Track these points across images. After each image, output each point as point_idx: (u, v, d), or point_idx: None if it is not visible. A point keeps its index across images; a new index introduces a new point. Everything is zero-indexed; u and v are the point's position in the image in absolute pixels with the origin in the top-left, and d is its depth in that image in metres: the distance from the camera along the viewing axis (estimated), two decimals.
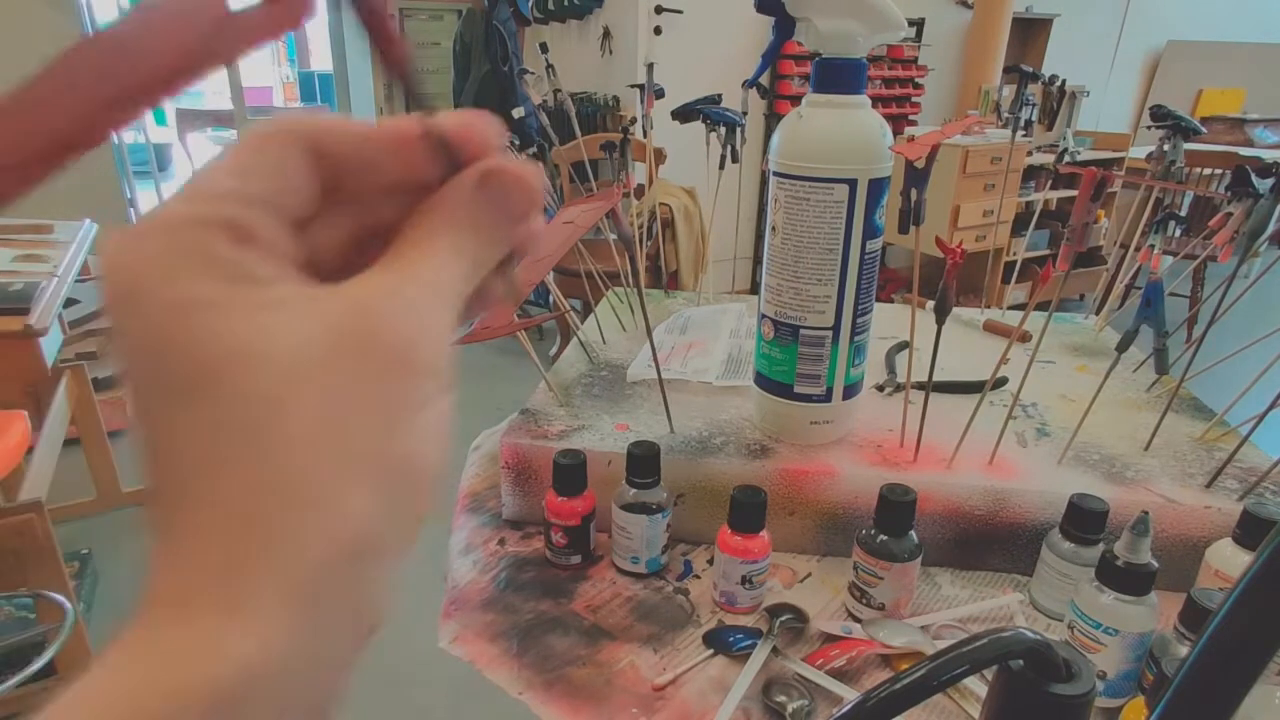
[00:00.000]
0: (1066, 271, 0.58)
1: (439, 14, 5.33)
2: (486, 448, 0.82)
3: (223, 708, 0.13)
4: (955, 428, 0.64)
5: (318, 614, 0.15)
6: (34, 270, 1.77)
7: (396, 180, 0.19)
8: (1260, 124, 4.64)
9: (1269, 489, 0.61)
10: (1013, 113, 0.98)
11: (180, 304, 0.15)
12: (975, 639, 0.25)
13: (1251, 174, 0.65)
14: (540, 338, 3.57)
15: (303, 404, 0.15)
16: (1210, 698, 0.20)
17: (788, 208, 0.61)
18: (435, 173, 0.19)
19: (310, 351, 0.16)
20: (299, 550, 0.15)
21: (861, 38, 0.58)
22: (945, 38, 4.40)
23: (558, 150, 2.36)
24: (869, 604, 0.57)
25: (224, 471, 0.15)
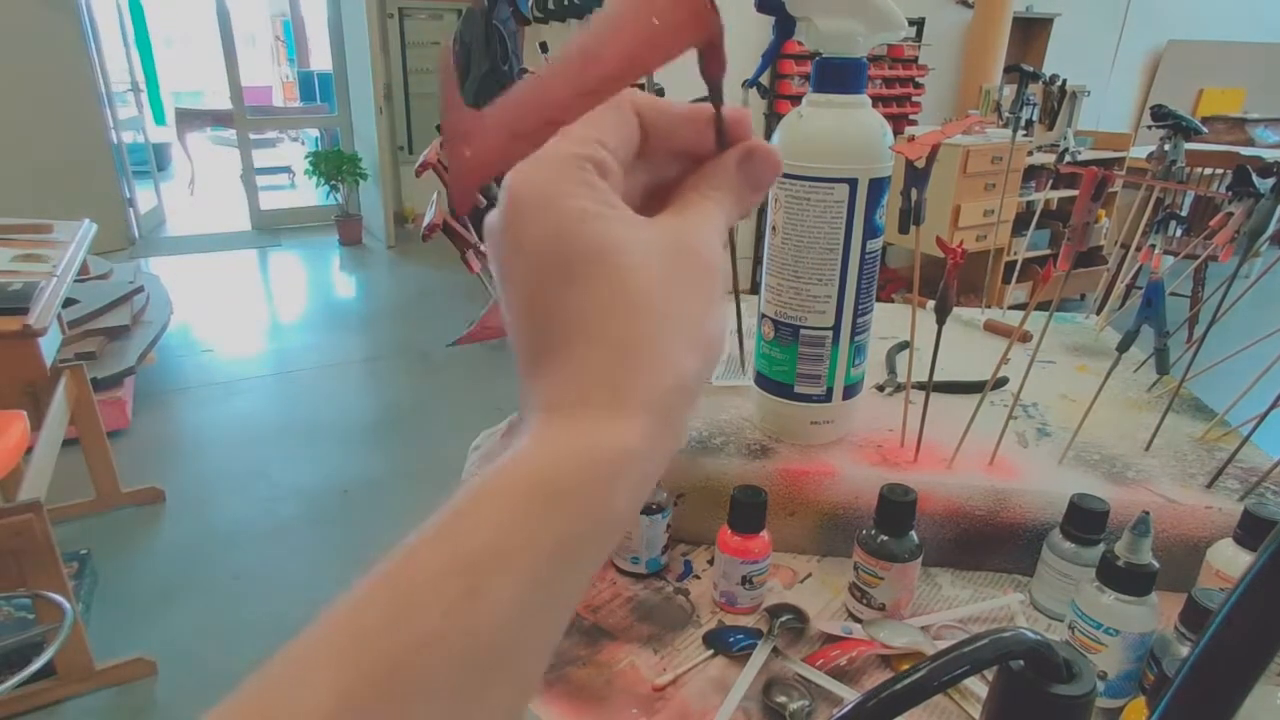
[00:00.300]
0: (1067, 271, 0.58)
1: (438, 13, 5.33)
2: (486, 448, 0.82)
3: (617, 469, 0.21)
4: (956, 428, 0.64)
5: (664, 423, 0.22)
6: (33, 270, 1.77)
7: (685, 147, 0.27)
8: (1261, 123, 4.64)
9: (1270, 489, 0.61)
10: (1013, 112, 0.98)
11: (576, 210, 0.22)
12: (976, 639, 0.25)
13: (1252, 174, 0.65)
14: None
15: (658, 286, 0.22)
16: (1211, 698, 0.20)
17: (788, 207, 0.61)
18: (711, 146, 0.26)
19: (657, 254, 0.23)
20: (657, 382, 0.22)
21: (862, 37, 0.58)
22: (945, 37, 4.40)
23: None
24: (869, 604, 0.57)
25: (608, 324, 0.22)
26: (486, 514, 0.20)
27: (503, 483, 0.20)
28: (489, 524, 0.20)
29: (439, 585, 0.19)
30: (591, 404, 0.21)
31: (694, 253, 0.24)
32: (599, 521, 0.21)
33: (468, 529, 0.20)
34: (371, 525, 2.25)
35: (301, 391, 3.16)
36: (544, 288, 0.22)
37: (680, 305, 0.23)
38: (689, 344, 0.23)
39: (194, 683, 1.68)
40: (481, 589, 0.19)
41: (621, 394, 0.21)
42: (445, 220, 0.62)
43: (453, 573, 0.19)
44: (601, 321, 0.22)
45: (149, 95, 7.40)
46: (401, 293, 4.50)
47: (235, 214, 5.91)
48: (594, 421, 0.21)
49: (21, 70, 4.28)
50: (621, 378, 0.22)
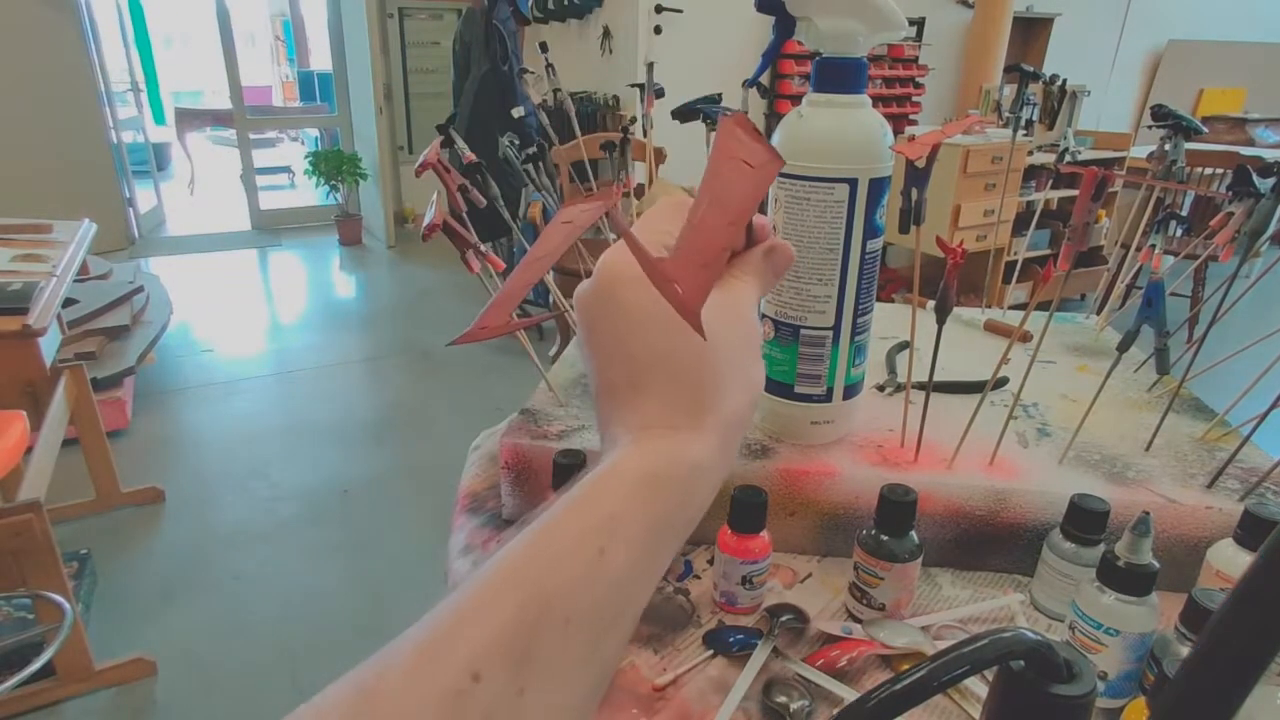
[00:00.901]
0: (1067, 271, 0.58)
1: (439, 13, 5.33)
2: (486, 448, 0.82)
3: (699, 471, 0.28)
4: (956, 428, 0.64)
5: (725, 444, 0.30)
6: (33, 270, 1.77)
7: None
8: (1261, 123, 4.64)
9: (1270, 489, 0.61)
10: (1013, 112, 0.98)
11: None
12: (976, 639, 0.25)
13: (1253, 174, 0.65)
14: (540, 338, 3.57)
15: (722, 342, 0.30)
16: (1211, 698, 0.20)
17: (788, 207, 0.61)
18: (742, 243, 0.33)
19: (719, 318, 0.29)
20: (722, 412, 0.30)
21: (862, 37, 0.58)
22: (946, 37, 4.40)
23: (558, 150, 2.36)
24: (869, 604, 0.57)
25: (690, 368, 0.29)
26: (608, 494, 0.27)
27: (617, 475, 0.27)
28: (612, 499, 0.27)
29: (578, 545, 0.25)
30: (677, 426, 0.29)
31: (743, 318, 0.32)
32: (685, 507, 0.28)
33: (594, 504, 0.26)
34: (371, 525, 2.25)
35: (301, 391, 3.16)
36: (639, 339, 0.30)
37: (736, 355, 0.31)
38: (743, 386, 0.31)
39: (194, 683, 1.68)
40: (608, 550, 0.25)
41: (698, 419, 0.29)
42: (445, 220, 0.62)
43: (588, 534, 0.25)
44: (685, 365, 0.30)
45: (149, 95, 7.40)
46: (401, 293, 4.50)
47: (235, 214, 5.92)
48: (680, 437, 0.29)
49: (21, 70, 4.28)
50: (699, 408, 0.29)
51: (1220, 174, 3.67)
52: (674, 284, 0.29)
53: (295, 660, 1.73)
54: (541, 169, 0.86)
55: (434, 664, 0.22)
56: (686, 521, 0.29)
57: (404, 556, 2.09)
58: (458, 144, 0.78)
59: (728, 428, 0.30)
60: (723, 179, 0.32)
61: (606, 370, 0.31)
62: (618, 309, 0.30)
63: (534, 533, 0.26)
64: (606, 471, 0.27)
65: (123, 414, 2.70)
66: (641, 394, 0.30)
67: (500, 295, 0.41)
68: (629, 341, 0.30)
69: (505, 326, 0.40)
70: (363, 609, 1.91)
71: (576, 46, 4.32)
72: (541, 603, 0.24)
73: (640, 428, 0.29)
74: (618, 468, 0.27)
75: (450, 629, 0.23)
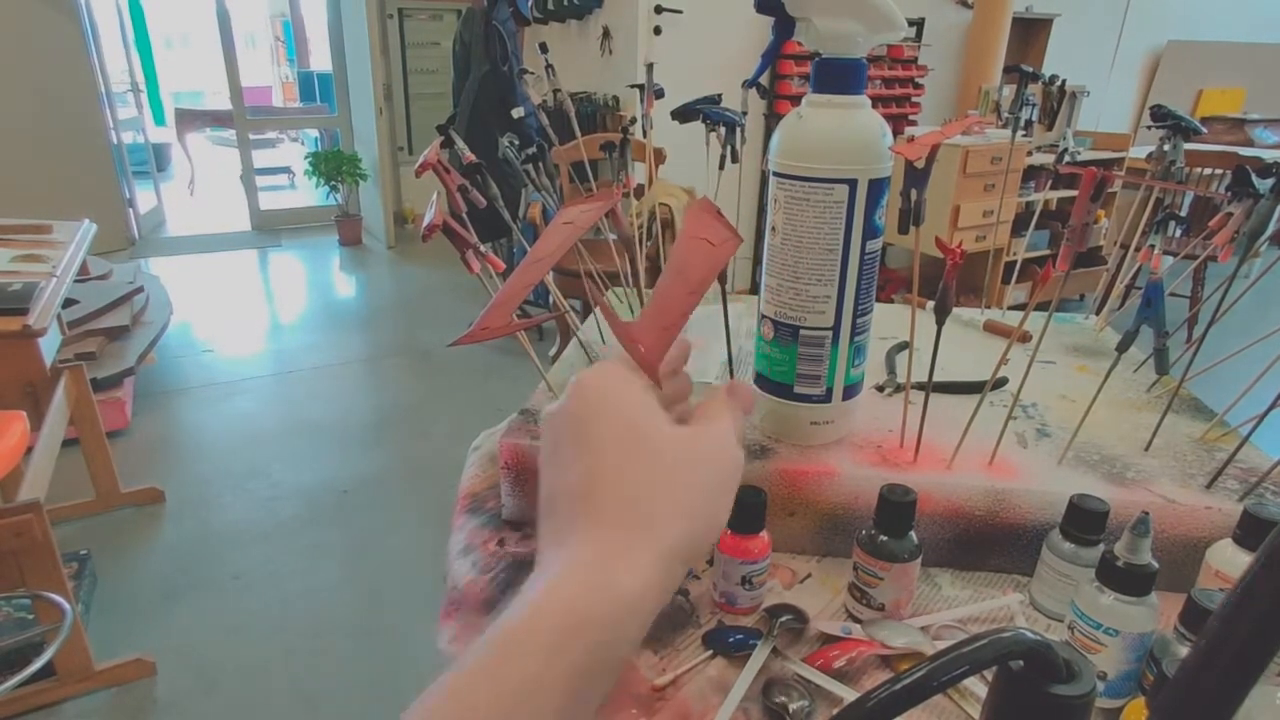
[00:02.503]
0: (1066, 272, 0.58)
1: (438, 14, 5.33)
2: (486, 448, 0.82)
3: (623, 611, 0.27)
4: (955, 428, 0.64)
5: (665, 575, 0.29)
6: (33, 270, 1.77)
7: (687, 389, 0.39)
8: (1260, 124, 4.64)
9: (1269, 489, 0.61)
10: (1013, 113, 0.98)
11: (643, 406, 0.32)
12: (975, 639, 0.25)
13: (1252, 174, 0.65)
14: (540, 338, 3.57)
15: (693, 472, 0.32)
16: (1210, 698, 0.20)
17: (787, 208, 0.61)
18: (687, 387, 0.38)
19: (701, 452, 0.33)
20: (668, 539, 0.29)
21: (861, 38, 0.58)
22: (945, 38, 4.40)
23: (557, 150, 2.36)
24: (869, 604, 0.57)
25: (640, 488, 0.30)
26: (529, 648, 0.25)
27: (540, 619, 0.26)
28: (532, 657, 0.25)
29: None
30: (615, 552, 0.28)
31: (726, 455, 0.34)
32: (614, 648, 0.27)
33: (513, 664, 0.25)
34: (371, 525, 2.25)
35: (301, 392, 3.16)
36: (600, 457, 0.30)
37: (702, 490, 0.32)
38: (703, 521, 0.32)
39: (193, 683, 1.68)
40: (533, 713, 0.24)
41: (640, 544, 0.29)
42: (445, 220, 0.62)
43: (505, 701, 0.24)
44: (640, 486, 0.30)
45: (149, 96, 7.40)
46: (401, 293, 4.50)
47: (235, 214, 5.92)
48: (613, 566, 0.28)
49: (22, 71, 4.28)
50: (645, 531, 0.29)
51: (1219, 174, 3.67)
52: (638, 344, 0.32)
53: (295, 660, 1.73)
54: (541, 169, 0.86)
55: None
56: (616, 662, 0.27)
57: (403, 557, 2.09)
58: (457, 144, 0.78)
59: (672, 559, 0.29)
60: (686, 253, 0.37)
61: (560, 479, 0.31)
62: (586, 429, 0.31)
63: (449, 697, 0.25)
64: (529, 615, 0.26)
65: (123, 414, 2.70)
66: (589, 504, 0.29)
67: (501, 296, 0.41)
68: (589, 457, 0.30)
69: (506, 327, 0.40)
70: (362, 609, 1.91)
71: (576, 47, 4.32)
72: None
73: (577, 545, 0.28)
74: (541, 609, 0.26)
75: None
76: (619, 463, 0.30)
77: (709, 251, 0.37)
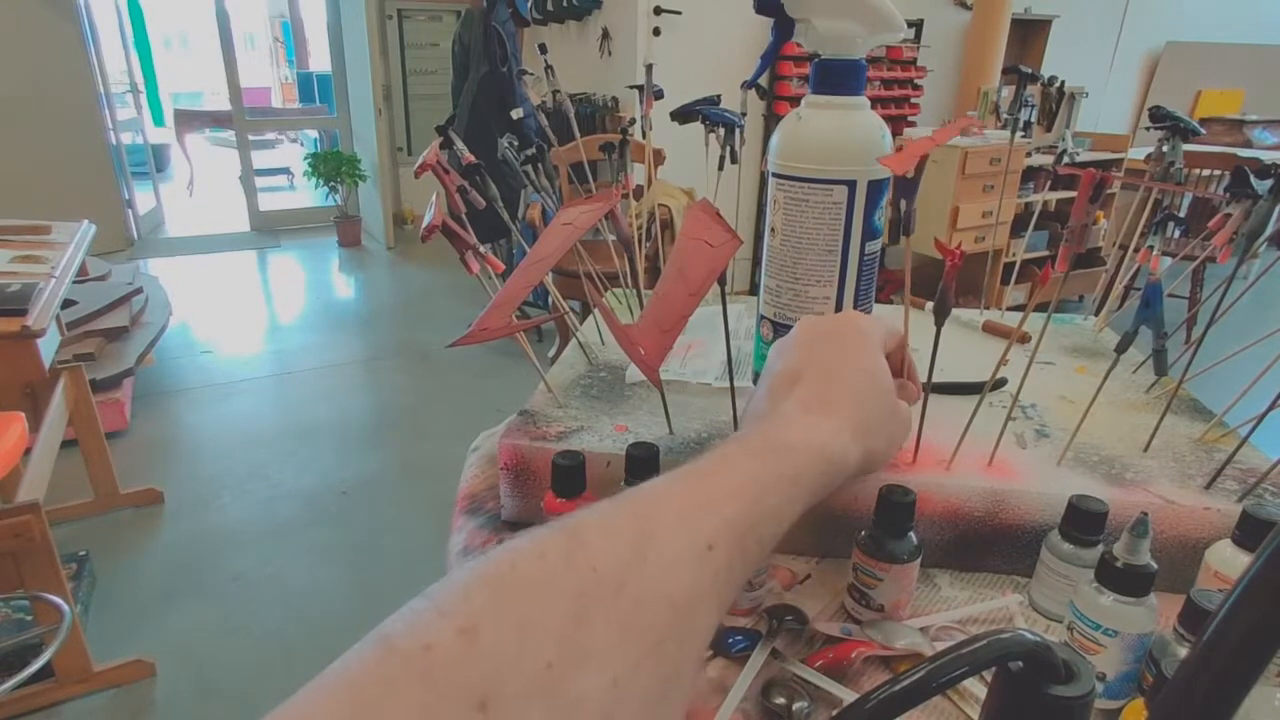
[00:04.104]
0: (1065, 272, 0.58)
1: (437, 15, 5.33)
2: (485, 449, 0.82)
3: (833, 461, 0.39)
4: (954, 429, 0.64)
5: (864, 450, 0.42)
6: (32, 271, 1.77)
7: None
8: (1259, 125, 4.64)
9: (1268, 490, 0.61)
10: (1012, 114, 0.98)
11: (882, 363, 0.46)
12: (974, 640, 0.25)
13: (1250, 175, 0.65)
14: (539, 339, 3.57)
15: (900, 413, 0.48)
16: (1209, 699, 0.20)
17: (787, 209, 0.61)
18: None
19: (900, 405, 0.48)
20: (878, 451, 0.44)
21: (860, 39, 0.58)
22: (944, 39, 4.40)
23: (557, 151, 2.36)
24: (868, 605, 0.57)
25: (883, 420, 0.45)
26: (794, 458, 0.37)
27: (799, 446, 0.38)
28: (795, 462, 0.37)
29: (775, 488, 0.35)
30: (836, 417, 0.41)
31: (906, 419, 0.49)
32: (829, 484, 0.39)
33: (783, 460, 0.37)
34: (370, 526, 2.25)
35: (301, 392, 3.16)
36: (854, 378, 0.43)
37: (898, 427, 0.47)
38: (892, 442, 0.47)
39: (193, 684, 1.68)
40: (791, 498, 0.35)
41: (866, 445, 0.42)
42: (444, 221, 0.62)
43: (783, 483, 0.36)
44: (875, 417, 0.43)
45: (148, 96, 7.40)
46: (401, 293, 4.50)
47: (234, 215, 5.92)
48: (833, 429, 0.40)
49: (21, 72, 4.28)
50: (871, 441, 0.43)
51: (1218, 175, 3.67)
52: (638, 345, 0.33)
53: (294, 661, 1.73)
54: (541, 170, 0.86)
55: (686, 524, 0.29)
56: (822, 488, 0.38)
57: (403, 557, 2.09)
58: (457, 145, 0.78)
59: (871, 460, 0.43)
60: (685, 254, 0.38)
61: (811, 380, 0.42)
62: (859, 346, 0.44)
63: (742, 464, 0.35)
64: (796, 440, 0.38)
65: (121, 415, 2.70)
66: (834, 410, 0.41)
67: (500, 297, 0.41)
68: (841, 373, 0.43)
69: (505, 328, 0.40)
70: (362, 610, 1.90)
71: (576, 48, 4.32)
72: (751, 522, 0.32)
73: (802, 410, 0.40)
74: (804, 442, 0.38)
75: (697, 504, 0.31)
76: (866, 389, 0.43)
77: (708, 253, 0.37)
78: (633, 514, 0.29)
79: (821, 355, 0.42)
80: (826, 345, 0.43)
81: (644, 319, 0.33)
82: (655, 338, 0.33)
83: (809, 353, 0.43)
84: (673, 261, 0.36)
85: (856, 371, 0.42)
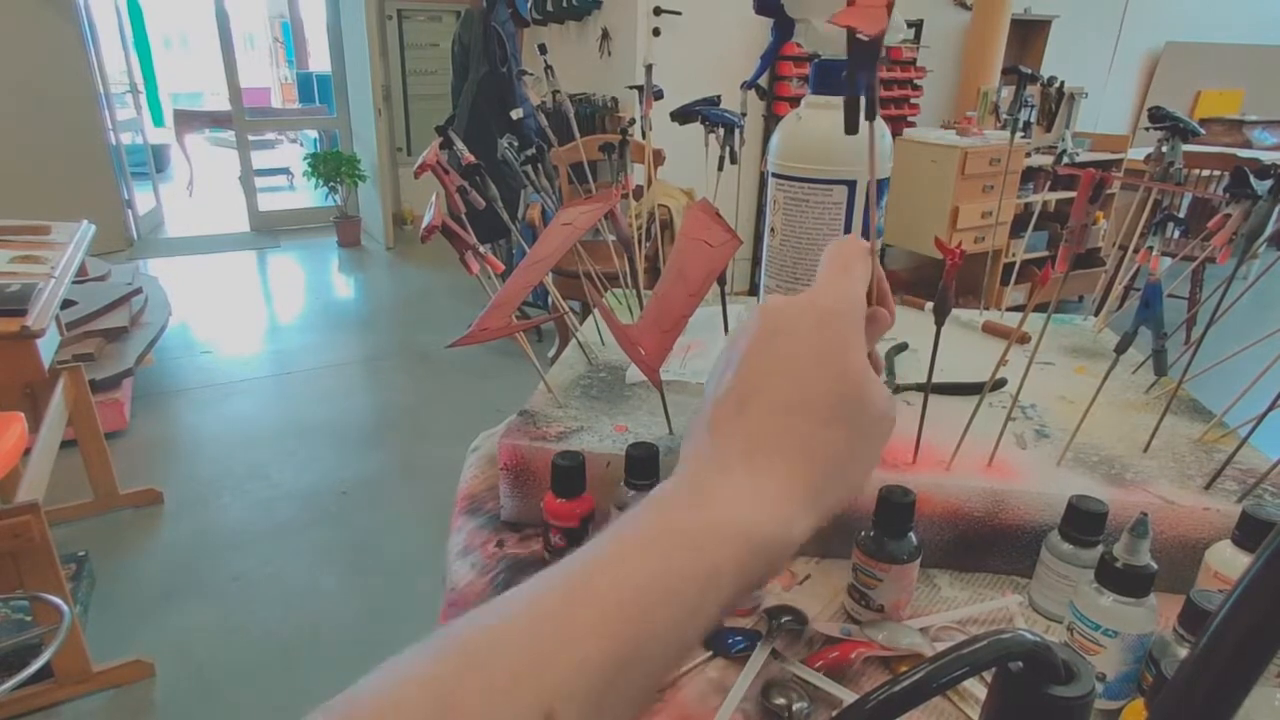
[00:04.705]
0: (1065, 273, 0.58)
1: (437, 15, 5.33)
2: (485, 449, 0.82)
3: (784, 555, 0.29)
4: (954, 429, 0.64)
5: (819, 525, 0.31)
6: (31, 271, 1.77)
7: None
8: (1258, 125, 4.64)
9: (1268, 490, 0.61)
10: (1011, 114, 0.98)
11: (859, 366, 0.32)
12: (974, 641, 0.25)
13: (1250, 175, 0.65)
14: (539, 339, 3.57)
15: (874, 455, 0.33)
16: (1209, 700, 0.20)
17: (786, 209, 0.61)
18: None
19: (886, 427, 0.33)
20: (837, 504, 0.32)
21: None
22: (944, 39, 4.40)
23: (556, 151, 2.36)
24: (868, 606, 0.57)
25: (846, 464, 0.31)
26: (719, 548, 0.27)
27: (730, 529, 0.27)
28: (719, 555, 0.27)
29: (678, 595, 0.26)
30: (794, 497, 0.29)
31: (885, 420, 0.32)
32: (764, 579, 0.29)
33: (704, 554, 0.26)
34: (370, 526, 2.25)
35: (300, 393, 3.15)
36: (819, 401, 0.31)
37: (874, 441, 0.32)
38: (869, 464, 0.32)
39: (192, 684, 1.68)
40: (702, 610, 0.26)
41: (817, 502, 0.30)
42: (444, 221, 0.62)
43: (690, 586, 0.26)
44: (838, 458, 0.30)
45: (147, 97, 7.40)
46: (400, 294, 4.50)
47: (234, 215, 5.91)
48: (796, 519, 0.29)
49: (21, 72, 4.28)
50: (828, 497, 0.30)
51: (1217, 176, 3.67)
52: (639, 346, 0.32)
53: (294, 662, 1.73)
54: (540, 170, 0.86)
55: (516, 691, 0.22)
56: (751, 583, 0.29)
57: (402, 558, 2.09)
58: (456, 145, 0.78)
59: (827, 516, 0.31)
60: (685, 255, 0.36)
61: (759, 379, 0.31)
62: (803, 338, 0.32)
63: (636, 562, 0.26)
64: (721, 521, 0.27)
65: (121, 415, 2.70)
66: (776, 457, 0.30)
67: (500, 297, 0.41)
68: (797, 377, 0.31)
69: (505, 328, 0.40)
70: (361, 610, 1.90)
71: (575, 48, 4.32)
72: (632, 650, 0.24)
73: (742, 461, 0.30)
74: (732, 524, 0.27)
75: (535, 658, 0.23)
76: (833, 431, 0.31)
77: (708, 253, 0.37)
78: (435, 689, 0.22)
79: (780, 366, 0.31)
80: (788, 347, 0.31)
81: (644, 319, 0.32)
82: (655, 338, 0.32)
83: (765, 361, 0.32)
84: (672, 262, 0.35)
85: (822, 388, 0.31)
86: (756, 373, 0.31)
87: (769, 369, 0.31)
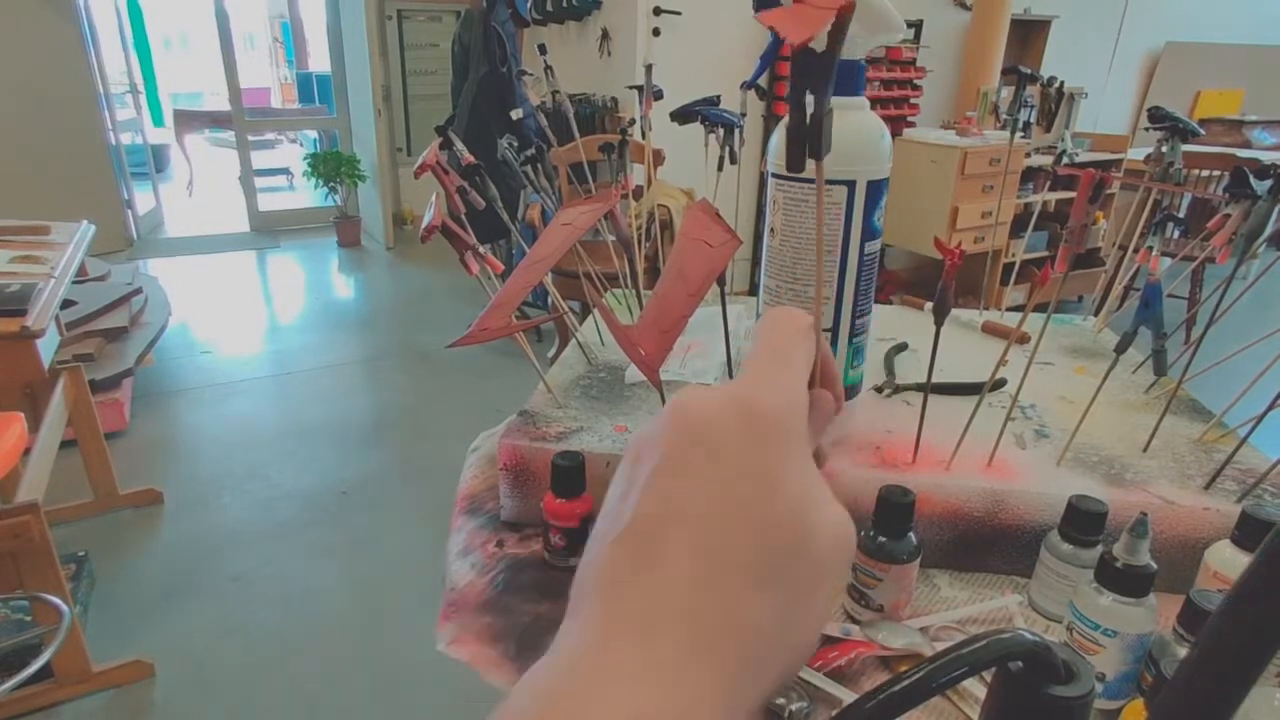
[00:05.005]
0: (1065, 273, 0.58)
1: (437, 15, 5.33)
2: (485, 449, 0.82)
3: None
4: (954, 429, 0.64)
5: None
6: (31, 271, 1.77)
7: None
8: (1258, 125, 4.64)
9: (1267, 490, 0.61)
10: (1011, 114, 0.98)
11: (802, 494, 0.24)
12: (974, 641, 0.25)
13: (1249, 175, 0.65)
14: (539, 339, 3.57)
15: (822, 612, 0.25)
16: (1209, 699, 0.20)
17: (786, 209, 0.61)
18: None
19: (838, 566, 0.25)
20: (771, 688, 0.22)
21: (860, 39, 0.58)
22: (944, 39, 4.40)
23: (556, 151, 2.36)
24: (868, 606, 0.57)
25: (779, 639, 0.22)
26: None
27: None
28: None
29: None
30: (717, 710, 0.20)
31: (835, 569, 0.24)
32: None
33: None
34: (370, 526, 2.25)
35: (300, 393, 3.15)
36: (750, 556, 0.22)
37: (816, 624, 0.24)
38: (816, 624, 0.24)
39: (192, 685, 1.68)
40: None
41: (747, 702, 0.21)
42: (444, 221, 0.62)
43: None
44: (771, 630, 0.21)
45: (147, 97, 7.40)
46: (400, 294, 4.50)
47: (234, 215, 5.91)
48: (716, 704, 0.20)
49: (21, 72, 4.28)
50: (760, 684, 0.21)
51: (1217, 176, 3.67)
52: (638, 346, 0.31)
53: (294, 662, 1.73)
54: (540, 171, 0.86)
55: None
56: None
57: (402, 558, 2.09)
58: (456, 146, 0.78)
59: (759, 710, 0.22)
60: (685, 255, 0.36)
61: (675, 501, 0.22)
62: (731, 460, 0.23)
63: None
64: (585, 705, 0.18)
65: (121, 415, 2.70)
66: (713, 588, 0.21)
67: (500, 297, 0.41)
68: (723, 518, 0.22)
69: (505, 328, 0.40)
70: (361, 610, 1.90)
71: (575, 49, 4.32)
72: None
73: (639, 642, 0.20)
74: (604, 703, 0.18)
75: None
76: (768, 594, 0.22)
77: (708, 253, 0.37)
78: None
79: (695, 498, 0.22)
80: (708, 471, 0.23)
81: (643, 319, 0.32)
82: (655, 338, 0.32)
83: (676, 489, 0.22)
84: (672, 262, 0.35)
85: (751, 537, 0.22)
86: (664, 506, 0.22)
87: (680, 502, 0.22)
